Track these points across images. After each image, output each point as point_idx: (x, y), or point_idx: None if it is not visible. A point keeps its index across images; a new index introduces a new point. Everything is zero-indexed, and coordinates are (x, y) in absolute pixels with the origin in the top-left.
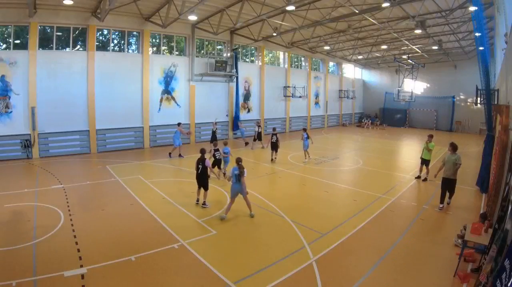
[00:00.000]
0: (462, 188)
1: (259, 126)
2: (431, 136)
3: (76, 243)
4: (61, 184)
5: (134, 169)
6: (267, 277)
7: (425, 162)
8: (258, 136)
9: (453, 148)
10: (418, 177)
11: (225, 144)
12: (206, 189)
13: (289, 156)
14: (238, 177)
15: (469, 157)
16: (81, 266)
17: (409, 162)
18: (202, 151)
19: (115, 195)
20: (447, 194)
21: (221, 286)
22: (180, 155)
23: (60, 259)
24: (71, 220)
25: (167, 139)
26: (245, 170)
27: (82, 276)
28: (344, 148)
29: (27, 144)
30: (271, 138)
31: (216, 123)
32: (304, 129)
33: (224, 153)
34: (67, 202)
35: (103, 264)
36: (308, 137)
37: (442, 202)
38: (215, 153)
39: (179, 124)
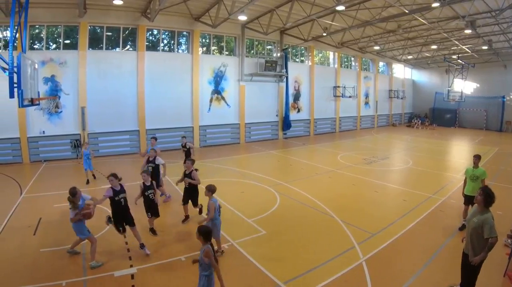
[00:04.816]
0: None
1: (184, 147)
2: (478, 157)
3: (126, 243)
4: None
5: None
6: (317, 277)
7: (470, 200)
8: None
9: (486, 199)
10: (464, 227)
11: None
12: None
13: (339, 156)
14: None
15: None
16: (131, 266)
17: (459, 162)
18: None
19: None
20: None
21: (271, 286)
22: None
23: (110, 259)
24: None
25: (217, 139)
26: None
27: (132, 276)
28: (394, 148)
29: (77, 144)
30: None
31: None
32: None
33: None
34: None
35: (153, 264)
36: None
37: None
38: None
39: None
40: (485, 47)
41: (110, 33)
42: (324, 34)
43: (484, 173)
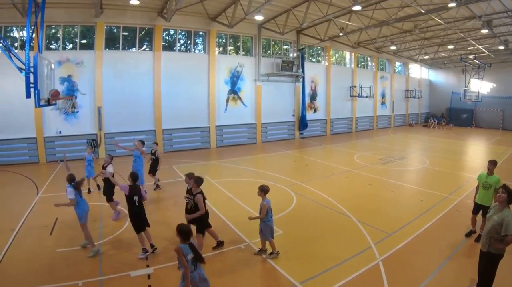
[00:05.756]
0: None
1: (153, 154)
2: (493, 163)
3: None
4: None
5: (201, 169)
6: (334, 277)
7: (482, 209)
8: (152, 167)
9: (509, 197)
10: (471, 233)
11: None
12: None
13: (355, 156)
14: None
15: None
16: (148, 266)
17: (475, 162)
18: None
19: (181, 195)
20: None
21: (287, 286)
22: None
23: (127, 259)
24: None
25: (234, 139)
26: None
27: (149, 276)
28: (411, 147)
29: (93, 144)
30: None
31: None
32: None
33: None
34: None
35: (169, 264)
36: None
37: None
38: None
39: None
40: (501, 47)
41: (126, 33)
42: (341, 34)
43: (498, 182)
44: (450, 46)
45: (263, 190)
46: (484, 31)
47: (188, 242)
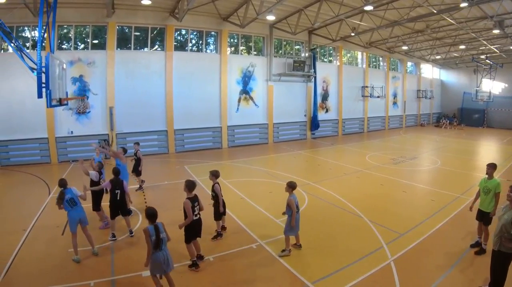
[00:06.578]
0: None
1: (135, 155)
2: (492, 166)
3: None
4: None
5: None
6: (345, 277)
7: (484, 216)
8: (135, 167)
9: None
10: (477, 245)
11: None
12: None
13: (367, 156)
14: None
15: None
16: None
17: (487, 161)
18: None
19: None
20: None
21: (299, 286)
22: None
23: (138, 258)
24: None
25: (245, 139)
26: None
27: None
28: (422, 148)
29: (105, 144)
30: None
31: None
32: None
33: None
34: (145, 202)
35: (181, 263)
36: None
37: None
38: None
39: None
40: None
41: (138, 33)
42: (353, 34)
43: (498, 185)
44: (462, 46)
45: (291, 186)
46: (496, 31)
47: (154, 223)
